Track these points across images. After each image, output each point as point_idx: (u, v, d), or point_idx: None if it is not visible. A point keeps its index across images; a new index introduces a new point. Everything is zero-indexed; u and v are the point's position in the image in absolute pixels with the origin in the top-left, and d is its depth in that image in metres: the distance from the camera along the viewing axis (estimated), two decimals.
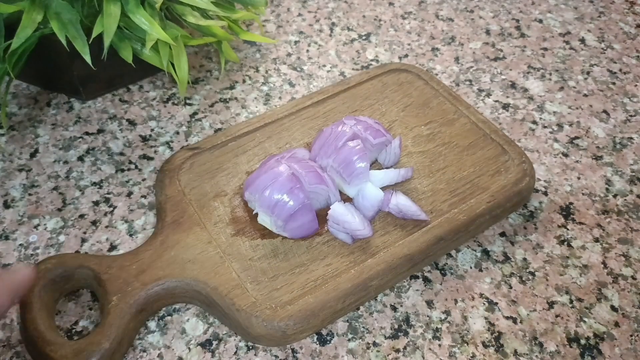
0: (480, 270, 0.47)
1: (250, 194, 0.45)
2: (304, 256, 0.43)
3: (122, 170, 0.53)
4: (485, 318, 0.44)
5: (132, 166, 0.54)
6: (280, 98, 0.61)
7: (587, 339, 0.43)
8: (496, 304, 0.44)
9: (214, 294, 0.41)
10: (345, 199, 0.47)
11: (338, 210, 0.44)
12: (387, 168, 0.49)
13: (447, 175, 0.49)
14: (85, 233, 0.48)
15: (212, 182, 0.48)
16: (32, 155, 0.54)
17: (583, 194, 0.52)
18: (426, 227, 0.45)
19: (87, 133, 0.57)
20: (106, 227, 0.49)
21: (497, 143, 0.51)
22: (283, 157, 0.46)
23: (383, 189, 0.47)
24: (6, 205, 0.50)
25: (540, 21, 0.71)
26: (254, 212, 0.45)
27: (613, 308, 0.44)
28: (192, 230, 0.45)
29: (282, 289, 0.41)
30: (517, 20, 0.71)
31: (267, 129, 0.53)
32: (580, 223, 0.50)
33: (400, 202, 0.45)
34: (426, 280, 0.46)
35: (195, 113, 0.59)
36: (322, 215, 0.45)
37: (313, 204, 0.44)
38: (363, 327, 0.43)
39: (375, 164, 0.50)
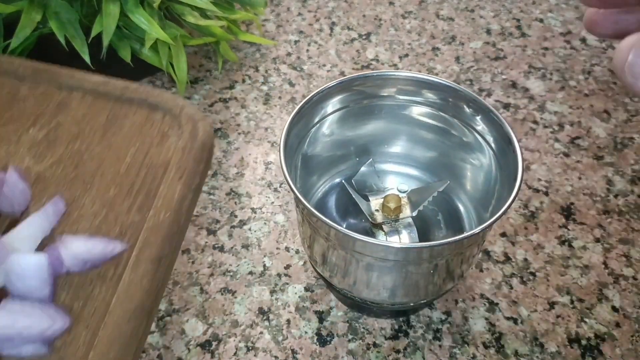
0: (481, 270, 0.46)
1: None
2: None
3: None
4: (486, 318, 0.44)
5: None
6: (280, 97, 0.60)
7: (588, 339, 0.42)
8: (497, 304, 0.44)
9: None
10: None
11: None
12: (22, 214, 0.33)
13: (108, 175, 0.35)
14: None
15: None
16: None
17: (584, 194, 0.52)
18: (132, 258, 0.31)
19: None
20: None
21: (138, 101, 0.38)
22: None
23: (38, 248, 0.31)
24: None
25: (541, 21, 0.71)
26: None
27: (614, 308, 0.44)
28: None
29: None
30: (518, 20, 0.71)
31: None
32: (581, 223, 0.50)
33: (77, 250, 0.30)
34: None
35: None
36: None
37: None
38: (363, 328, 0.43)
39: None
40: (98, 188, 0.34)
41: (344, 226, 0.37)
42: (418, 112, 0.45)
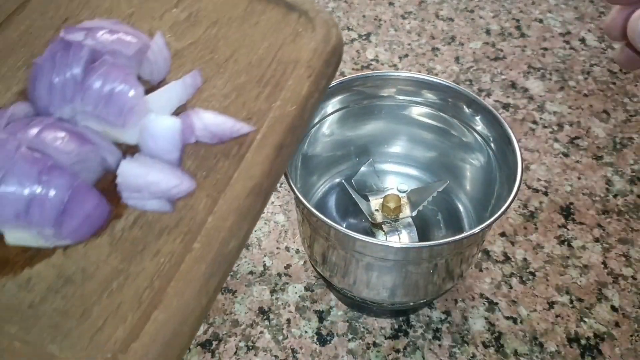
0: (481, 270, 0.46)
1: None
2: (112, 259, 0.28)
3: None
4: (486, 318, 0.44)
5: None
6: None
7: (588, 339, 0.43)
8: (496, 304, 0.44)
9: None
10: (126, 149, 0.31)
11: (132, 172, 0.29)
12: (159, 84, 0.34)
13: (241, 63, 0.36)
14: None
15: None
16: None
17: (583, 194, 0.52)
18: (256, 141, 0.31)
19: None
20: None
21: (275, 0, 0.38)
22: None
23: (173, 114, 0.33)
24: None
25: (541, 21, 0.71)
26: None
27: (613, 308, 0.44)
28: None
29: (106, 324, 0.26)
30: (518, 20, 0.71)
31: None
32: (581, 223, 0.50)
33: (209, 122, 0.32)
34: None
35: None
36: (105, 188, 0.30)
37: (85, 178, 0.29)
38: (363, 327, 0.43)
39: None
40: (230, 73, 0.35)
41: (344, 226, 0.37)
42: (418, 112, 0.45)
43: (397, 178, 0.48)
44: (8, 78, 0.34)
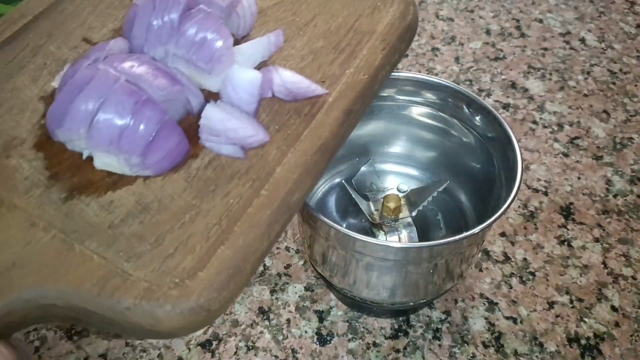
0: (481, 270, 0.47)
1: (69, 131, 0.30)
2: (186, 195, 0.30)
3: None
4: (486, 318, 0.44)
5: None
6: None
7: (588, 339, 0.43)
8: (496, 304, 0.44)
9: (79, 299, 0.27)
10: (208, 96, 0.33)
11: (215, 116, 0.31)
12: (242, 38, 0.36)
13: (320, 28, 0.37)
14: None
15: None
16: None
17: (583, 194, 0.52)
18: (327, 103, 0.33)
19: None
20: None
21: None
22: (97, 59, 0.31)
23: (255, 68, 0.34)
24: None
25: (541, 21, 0.71)
26: (84, 157, 0.31)
27: (613, 308, 0.44)
28: None
29: (177, 252, 0.28)
30: (517, 20, 0.71)
31: (40, 24, 0.36)
32: (581, 223, 0.50)
33: (287, 80, 0.33)
34: None
35: None
36: (184, 129, 0.32)
37: (171, 117, 0.31)
38: (363, 327, 0.43)
39: None
40: (309, 36, 0.37)
41: (344, 226, 0.37)
42: (418, 112, 0.45)
43: (397, 178, 0.48)
44: (105, 15, 0.37)
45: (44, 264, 0.27)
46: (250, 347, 0.42)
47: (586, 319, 0.44)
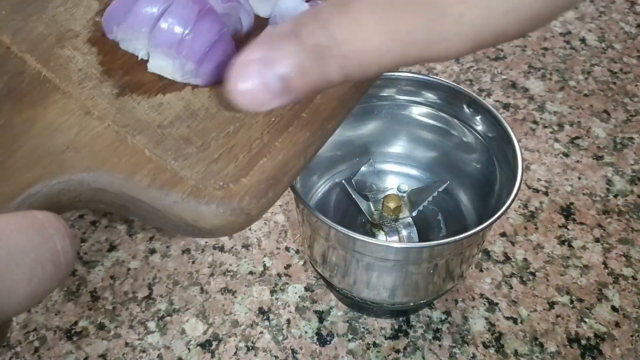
0: (481, 270, 0.46)
1: (130, 29, 0.31)
2: (231, 107, 0.31)
3: None
4: (486, 318, 0.44)
5: None
6: None
7: (588, 339, 0.42)
8: (497, 304, 0.44)
9: (129, 188, 0.28)
10: (256, 20, 0.35)
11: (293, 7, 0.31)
12: None
13: None
14: (84, 233, 0.48)
15: (44, 19, 0.33)
16: None
17: (584, 194, 0.52)
18: None
19: None
20: (105, 227, 0.49)
21: None
22: None
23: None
24: None
25: None
26: (138, 57, 0.32)
27: (614, 308, 0.44)
28: (49, 100, 0.30)
29: (221, 158, 0.30)
30: None
31: None
32: (581, 223, 0.50)
33: None
34: None
35: None
36: None
37: None
38: (363, 328, 0.43)
39: None
40: None
41: (344, 226, 0.37)
42: (418, 112, 0.45)
43: (397, 178, 0.48)
44: None
45: (98, 151, 0.28)
46: (250, 348, 0.42)
47: (586, 319, 0.44)
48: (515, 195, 0.35)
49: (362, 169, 0.47)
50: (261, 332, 0.43)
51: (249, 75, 0.22)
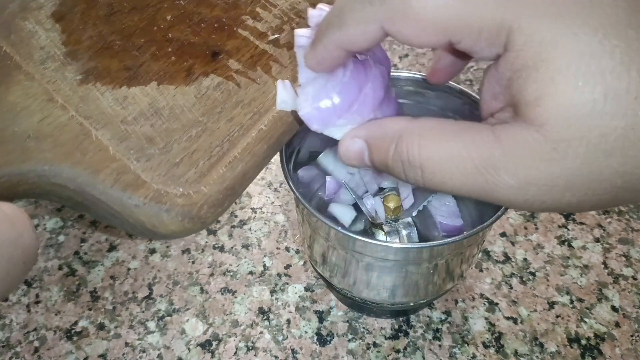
0: (481, 270, 0.46)
1: (355, 119, 0.29)
2: (195, 110, 0.31)
3: None
4: (486, 318, 0.44)
5: None
6: None
7: (588, 339, 0.42)
8: (497, 304, 0.44)
9: (92, 187, 0.27)
10: None
11: None
12: None
13: None
14: (84, 233, 0.48)
15: None
16: None
17: None
18: None
19: None
20: (105, 227, 0.49)
21: None
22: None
23: None
24: None
25: None
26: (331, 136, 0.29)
27: (614, 308, 0.44)
28: (11, 80, 0.28)
29: (182, 162, 0.29)
30: None
31: None
32: (581, 223, 0.50)
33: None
34: None
35: None
36: None
37: None
38: (363, 328, 0.43)
39: None
40: None
41: (344, 226, 0.37)
42: (418, 112, 0.45)
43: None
44: None
45: (61, 143, 0.27)
46: (250, 348, 0.42)
47: (586, 319, 0.44)
48: None
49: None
50: (261, 332, 0.43)
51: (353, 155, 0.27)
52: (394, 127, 0.25)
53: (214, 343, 0.42)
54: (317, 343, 0.42)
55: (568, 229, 0.49)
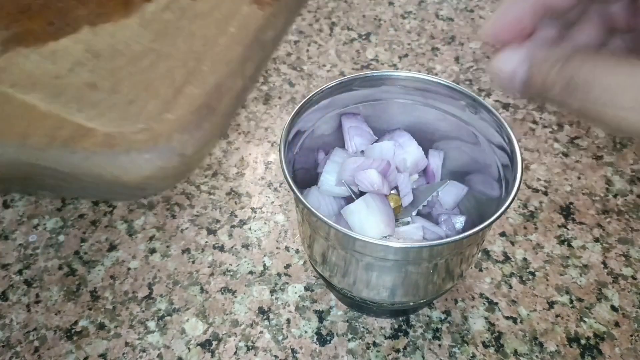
0: (480, 270, 0.46)
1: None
2: (142, 39, 0.27)
3: None
4: (486, 318, 0.44)
5: None
6: (280, 98, 0.60)
7: (587, 339, 0.43)
8: (496, 304, 0.44)
9: (26, 154, 0.24)
10: None
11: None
12: None
13: None
14: (84, 233, 0.48)
15: None
16: None
17: (583, 193, 0.52)
18: None
19: None
20: (105, 227, 0.49)
21: None
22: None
23: None
24: (5, 205, 0.50)
25: None
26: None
27: (613, 308, 0.44)
28: None
29: (138, 98, 0.26)
30: None
31: None
32: (581, 223, 0.50)
33: None
34: None
35: None
36: None
37: None
38: (363, 327, 0.43)
39: None
40: None
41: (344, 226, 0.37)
42: (417, 112, 0.45)
43: None
44: None
45: None
46: (250, 347, 0.42)
47: (586, 319, 0.44)
48: (515, 195, 0.35)
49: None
50: (261, 332, 0.43)
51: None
52: (559, 51, 0.26)
53: (214, 343, 0.42)
54: (317, 343, 0.42)
55: (567, 229, 0.49)
